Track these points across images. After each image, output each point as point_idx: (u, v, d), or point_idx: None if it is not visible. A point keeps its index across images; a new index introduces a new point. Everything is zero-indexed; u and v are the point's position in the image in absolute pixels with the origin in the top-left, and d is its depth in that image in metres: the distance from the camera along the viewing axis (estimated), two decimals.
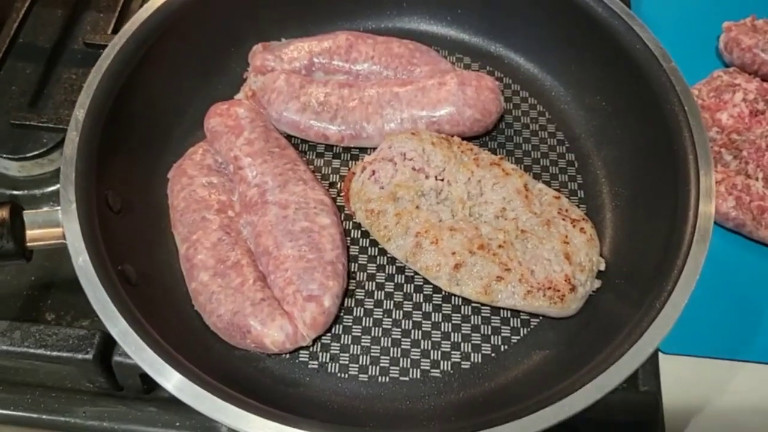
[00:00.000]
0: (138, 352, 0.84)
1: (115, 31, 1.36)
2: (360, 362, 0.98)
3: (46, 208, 0.93)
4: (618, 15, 1.10)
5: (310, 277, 0.98)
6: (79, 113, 0.99)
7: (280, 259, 0.99)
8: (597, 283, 1.01)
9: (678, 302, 0.87)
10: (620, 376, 0.82)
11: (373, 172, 1.05)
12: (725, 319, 1.12)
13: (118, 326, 0.85)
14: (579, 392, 0.80)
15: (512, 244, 1.00)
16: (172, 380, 0.82)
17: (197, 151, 1.12)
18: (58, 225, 0.92)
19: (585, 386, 0.81)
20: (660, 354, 1.07)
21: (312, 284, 0.97)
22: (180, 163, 1.11)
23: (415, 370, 0.98)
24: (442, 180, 1.04)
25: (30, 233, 0.92)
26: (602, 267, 1.02)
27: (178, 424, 1.02)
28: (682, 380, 1.07)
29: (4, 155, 1.26)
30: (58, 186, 1.26)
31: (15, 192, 1.27)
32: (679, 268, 0.89)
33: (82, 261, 0.88)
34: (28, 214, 0.92)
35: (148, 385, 1.04)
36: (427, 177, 1.04)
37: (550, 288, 0.96)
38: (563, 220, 1.02)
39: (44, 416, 1.04)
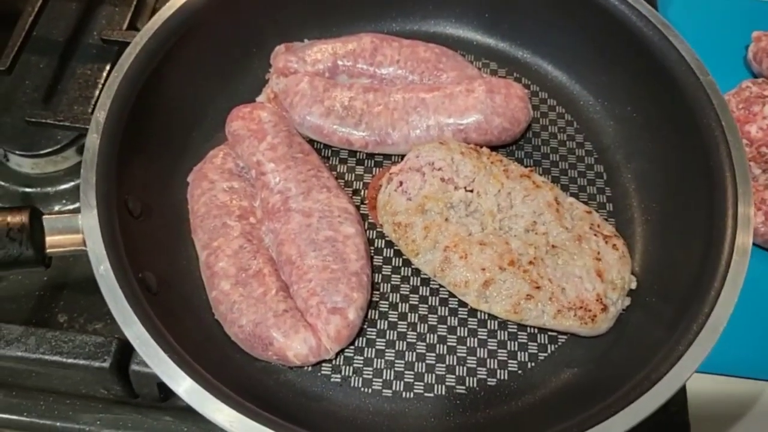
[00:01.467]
0: (158, 362, 0.82)
1: (131, 25, 1.34)
2: (384, 377, 0.96)
3: (66, 214, 0.90)
4: (653, 24, 1.08)
5: (335, 289, 0.95)
6: (100, 115, 0.97)
7: (303, 269, 0.97)
8: (627, 301, 0.99)
9: (716, 325, 0.84)
10: (657, 402, 0.80)
11: (401, 183, 1.03)
12: (754, 337, 1.10)
13: (139, 336, 0.82)
14: (615, 417, 0.78)
15: (542, 260, 0.97)
16: (189, 389, 0.80)
17: (218, 155, 1.09)
18: (78, 231, 0.89)
19: (622, 411, 0.79)
20: None
21: (336, 296, 0.95)
22: (200, 167, 1.08)
23: (440, 386, 0.96)
24: (472, 191, 1.02)
25: (49, 239, 0.89)
26: (633, 285, 0.99)
27: None
28: (709, 399, 1.05)
29: (18, 152, 1.24)
30: (71, 183, 1.24)
31: (27, 189, 1.24)
32: (717, 291, 0.87)
33: (103, 269, 0.85)
34: (47, 220, 0.90)
35: (165, 394, 1.02)
36: (456, 188, 1.02)
37: (581, 308, 0.94)
38: (595, 235, 0.99)
39: (58, 423, 1.02)
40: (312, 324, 0.94)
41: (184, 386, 0.80)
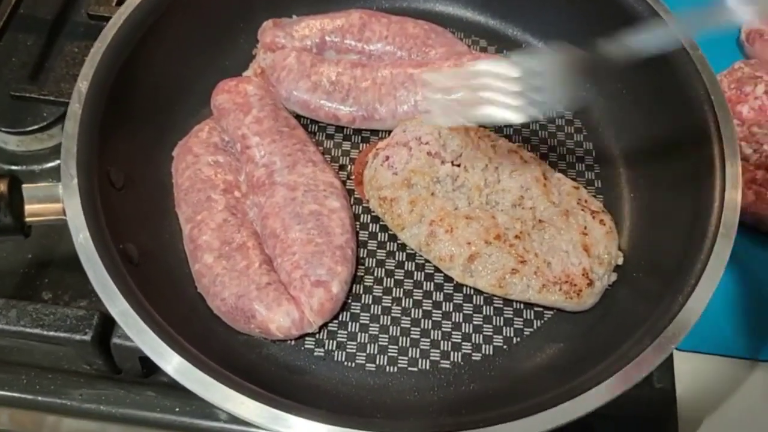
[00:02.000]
0: (138, 334, 0.81)
1: (120, 3, 1.32)
2: (368, 351, 0.95)
3: (46, 183, 0.89)
4: (644, 0, 1.06)
5: (319, 262, 0.94)
6: (82, 85, 0.95)
7: (287, 242, 0.96)
8: (613, 277, 0.98)
9: (701, 298, 0.83)
10: (640, 374, 0.79)
11: (387, 158, 1.02)
12: (742, 316, 1.09)
13: (118, 306, 0.81)
14: (597, 388, 0.77)
15: (529, 234, 0.96)
16: (172, 363, 0.79)
17: (203, 129, 1.08)
18: (58, 200, 0.88)
19: (604, 382, 0.78)
20: (674, 351, 1.04)
21: (320, 269, 0.94)
22: (185, 140, 1.07)
23: (424, 360, 0.95)
24: (459, 166, 1.01)
25: (29, 208, 0.88)
26: (620, 261, 0.98)
27: (177, 409, 0.99)
28: (696, 377, 1.04)
29: (3, 129, 1.22)
30: (57, 162, 1.21)
31: (13, 167, 1.23)
32: (702, 263, 0.86)
33: (82, 238, 0.84)
34: (27, 188, 0.89)
35: (147, 369, 1.00)
36: (443, 162, 1.01)
37: (566, 282, 0.93)
38: (582, 210, 0.98)
39: (39, 398, 1.01)
40: (295, 297, 0.93)
41: (166, 358, 0.79)
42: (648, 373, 0.79)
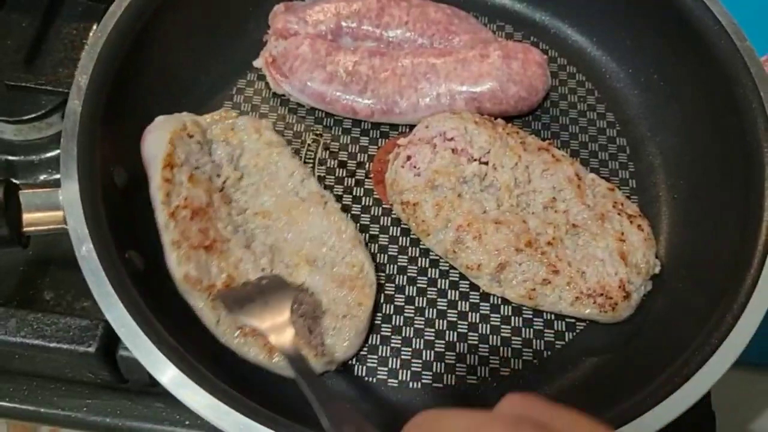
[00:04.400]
0: (147, 355, 0.76)
1: None
2: (389, 365, 0.90)
3: (45, 189, 0.82)
4: None
5: None
6: (82, 79, 0.88)
7: None
8: (649, 286, 0.92)
9: (753, 316, 0.78)
10: (691, 398, 0.74)
11: (408, 158, 0.95)
12: None
13: (125, 325, 0.76)
14: (647, 415, 0.72)
15: (562, 240, 0.90)
16: (176, 383, 0.75)
17: None
18: (58, 208, 0.81)
19: (653, 409, 0.72)
20: None
21: None
22: None
23: (449, 376, 0.89)
24: (486, 164, 0.94)
25: (27, 216, 0.81)
26: (657, 270, 0.92)
27: (188, 422, 0.94)
28: (733, 389, 0.99)
29: None
30: (56, 152, 1.16)
31: (10, 157, 1.16)
32: (753, 278, 0.80)
33: (85, 251, 0.78)
34: (25, 195, 0.82)
35: (155, 379, 0.95)
36: (469, 160, 0.94)
37: (601, 295, 0.87)
38: (619, 215, 0.92)
39: (42, 409, 0.96)
40: None
41: (168, 376, 0.75)
42: (696, 400, 0.74)
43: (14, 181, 0.85)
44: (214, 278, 0.85)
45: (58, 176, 1.13)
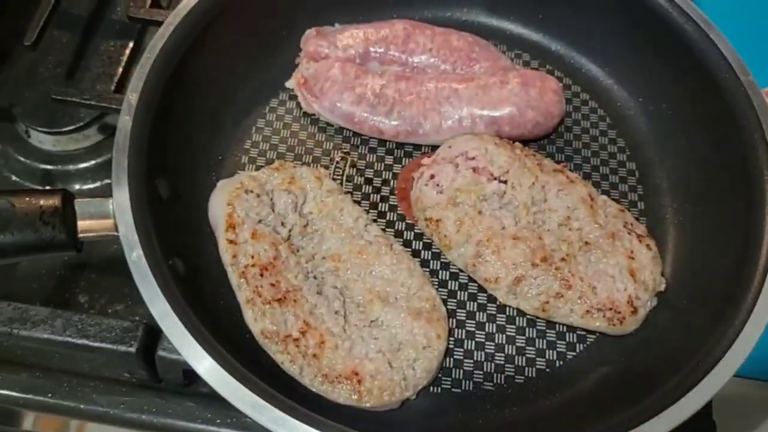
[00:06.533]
0: (197, 359, 0.80)
1: (154, 3, 1.31)
2: None
3: (97, 198, 0.89)
4: (693, 21, 1.06)
5: None
6: (132, 97, 0.95)
7: None
8: (654, 302, 0.98)
9: (752, 333, 0.84)
10: (692, 408, 0.79)
11: (432, 177, 1.01)
12: None
13: (174, 327, 0.81)
14: (651, 422, 0.78)
15: (575, 257, 0.96)
16: (233, 391, 0.79)
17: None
18: (109, 216, 0.88)
19: (657, 416, 0.78)
20: None
21: None
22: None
23: (467, 381, 0.95)
24: (506, 182, 1.00)
25: (81, 224, 0.88)
26: (662, 287, 0.98)
27: (218, 421, 1.00)
28: (734, 401, 1.05)
29: (39, 128, 1.22)
30: (92, 162, 1.23)
31: (48, 167, 1.23)
32: (753, 297, 0.86)
33: (136, 256, 0.84)
34: (79, 204, 0.88)
35: (189, 379, 1.01)
36: (489, 179, 1.00)
37: (611, 309, 0.93)
38: (629, 234, 0.98)
39: (82, 405, 1.01)
40: None
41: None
42: (698, 409, 0.80)
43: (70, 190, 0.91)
44: (290, 328, 0.88)
45: (92, 185, 1.21)
